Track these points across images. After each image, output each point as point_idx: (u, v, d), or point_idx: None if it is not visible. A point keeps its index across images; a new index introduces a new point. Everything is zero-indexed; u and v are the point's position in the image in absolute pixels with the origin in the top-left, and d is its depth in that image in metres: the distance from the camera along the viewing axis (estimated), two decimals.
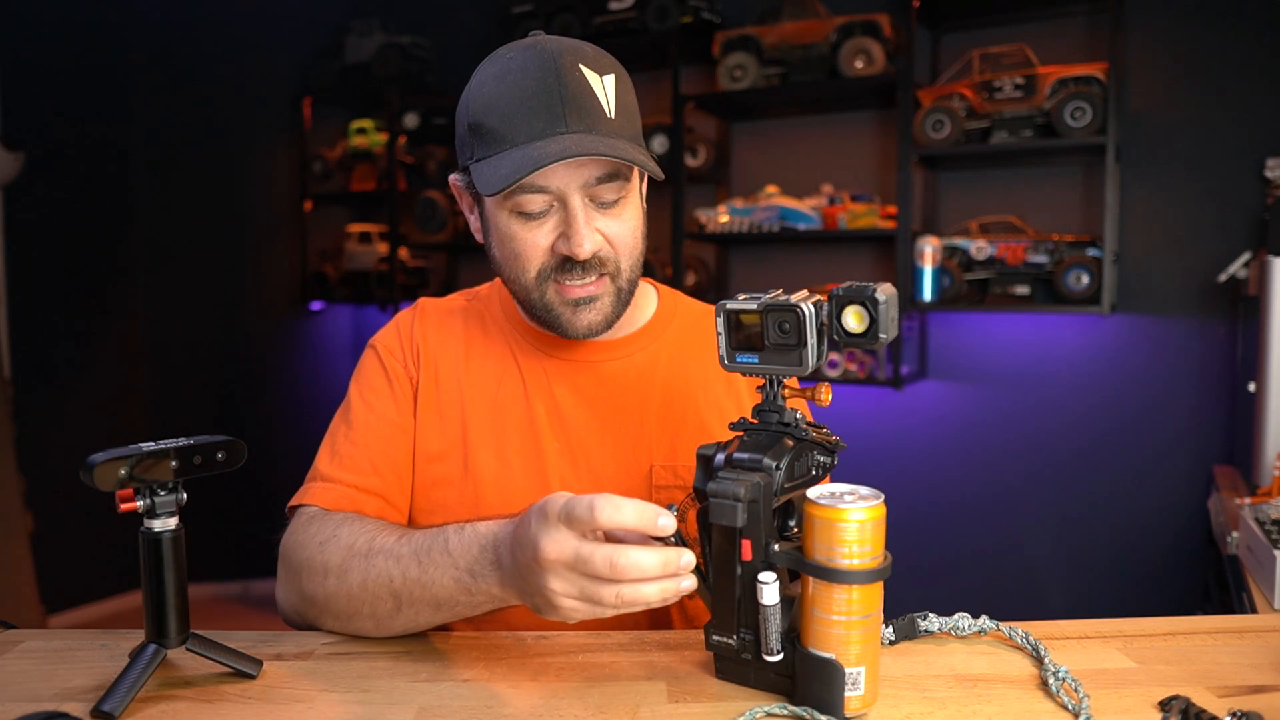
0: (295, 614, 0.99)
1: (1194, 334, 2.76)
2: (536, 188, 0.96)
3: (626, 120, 1.00)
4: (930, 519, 3.10)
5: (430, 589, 0.84)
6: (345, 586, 0.90)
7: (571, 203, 0.97)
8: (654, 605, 0.72)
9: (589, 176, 0.96)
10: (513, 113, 0.94)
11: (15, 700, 0.77)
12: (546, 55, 0.95)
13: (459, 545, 0.83)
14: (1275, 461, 1.85)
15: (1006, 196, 2.99)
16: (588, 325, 1.03)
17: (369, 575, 0.88)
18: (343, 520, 0.96)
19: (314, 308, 4.23)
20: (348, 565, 0.90)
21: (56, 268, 3.62)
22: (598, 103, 0.96)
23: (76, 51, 3.61)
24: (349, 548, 0.91)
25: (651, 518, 0.70)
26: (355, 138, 4.01)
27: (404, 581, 0.86)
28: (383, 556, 0.88)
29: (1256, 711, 0.71)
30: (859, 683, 0.73)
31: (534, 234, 0.99)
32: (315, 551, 0.94)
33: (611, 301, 1.03)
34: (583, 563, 0.70)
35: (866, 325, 0.74)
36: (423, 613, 0.87)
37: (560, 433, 1.09)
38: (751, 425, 0.80)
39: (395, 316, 1.18)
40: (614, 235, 1.01)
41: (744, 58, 3.08)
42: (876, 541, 0.72)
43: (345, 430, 1.09)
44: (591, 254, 0.98)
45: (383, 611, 0.89)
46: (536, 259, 1.00)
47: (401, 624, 0.90)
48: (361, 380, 1.13)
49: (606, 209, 1.00)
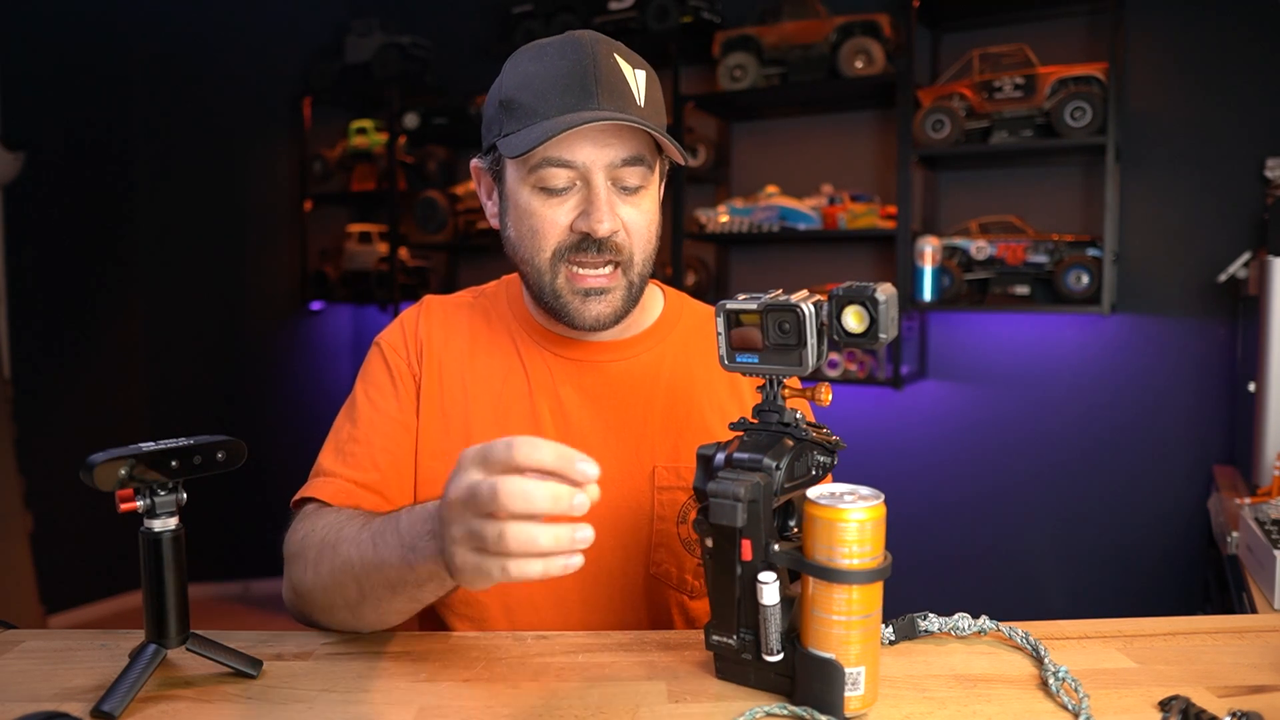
0: (292, 608, 0.99)
1: (1194, 334, 2.76)
2: (562, 161, 0.97)
3: (655, 114, 1.01)
4: (930, 519, 3.10)
5: (382, 570, 0.82)
6: (320, 577, 0.90)
7: (595, 180, 0.98)
8: (546, 552, 0.65)
9: (615, 157, 0.98)
10: (546, 89, 0.97)
11: (15, 700, 0.77)
12: (583, 42, 0.99)
13: (408, 522, 0.81)
14: (1275, 461, 1.85)
15: (1006, 196, 2.99)
16: (596, 316, 1.03)
17: (336, 563, 0.88)
18: (329, 513, 0.97)
19: (314, 308, 4.24)
20: (320, 555, 0.91)
21: (56, 268, 3.62)
22: (629, 89, 0.98)
23: (76, 51, 3.61)
24: (322, 539, 0.92)
25: (570, 459, 0.65)
26: (355, 138, 4.01)
27: (362, 566, 0.84)
28: (347, 544, 0.88)
29: (1256, 711, 0.71)
30: (859, 683, 0.73)
31: (554, 211, 1.00)
32: (299, 545, 0.95)
33: (622, 296, 1.04)
34: (473, 497, 0.66)
35: (867, 325, 0.74)
36: (382, 598, 0.85)
37: (564, 432, 1.09)
38: (751, 425, 0.80)
39: (401, 314, 1.18)
40: (631, 223, 1.02)
41: (744, 58, 3.08)
42: (877, 541, 0.72)
43: (349, 427, 1.09)
44: (610, 234, 0.99)
45: (351, 599, 0.88)
46: (554, 237, 1.01)
47: (370, 613, 0.88)
48: (366, 378, 1.13)
49: (628, 195, 1.01)
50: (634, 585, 1.07)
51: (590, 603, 1.06)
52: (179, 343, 3.99)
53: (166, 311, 3.95)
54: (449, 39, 3.99)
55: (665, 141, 0.98)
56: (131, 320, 3.91)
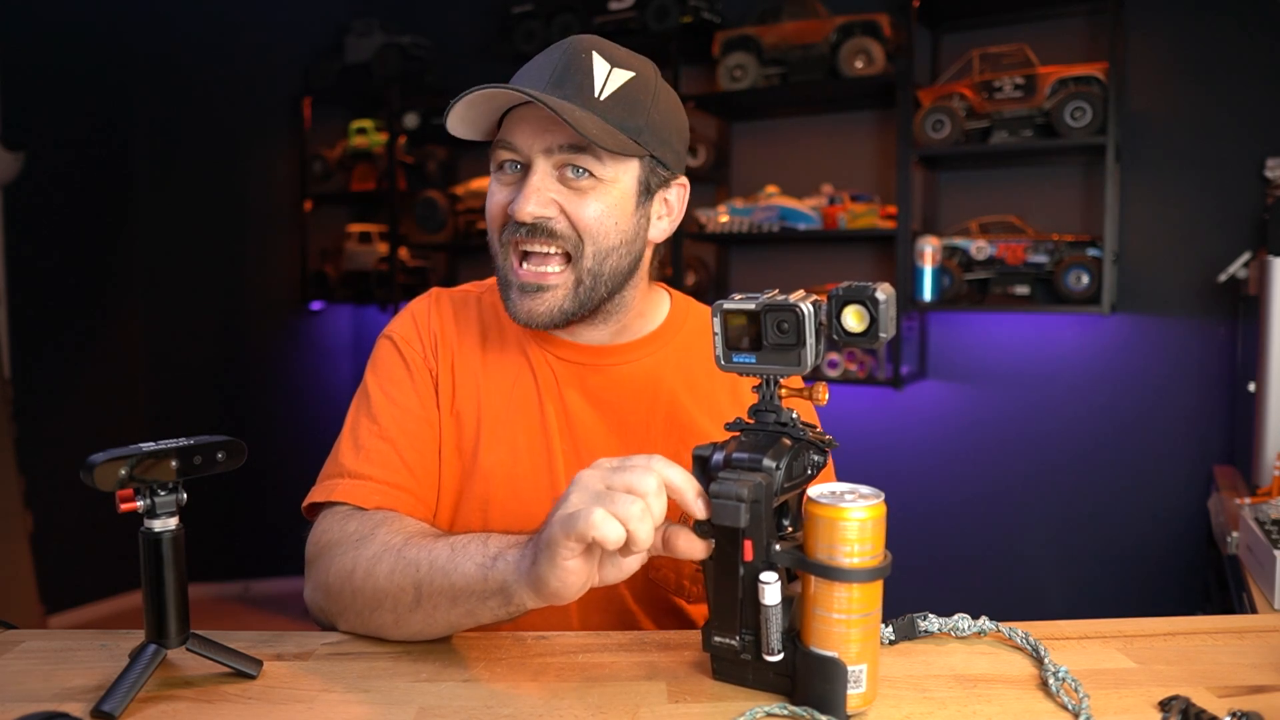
0: (319, 611, 0.97)
1: (1194, 334, 2.75)
2: (506, 143, 1.01)
3: (623, 110, 0.99)
4: (930, 519, 3.10)
5: (451, 576, 0.82)
6: (373, 579, 0.88)
7: (534, 165, 1.00)
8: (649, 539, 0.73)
9: (552, 142, 0.98)
10: (520, 75, 1.01)
11: (15, 700, 0.77)
12: (572, 42, 1.02)
13: (498, 539, 0.83)
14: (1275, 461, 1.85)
15: (1006, 196, 2.99)
16: (527, 312, 1.02)
17: (398, 565, 0.87)
18: (382, 519, 0.95)
19: (314, 308, 4.24)
20: (380, 557, 0.89)
21: (56, 268, 3.62)
22: (588, 80, 0.98)
23: (76, 51, 3.61)
24: (385, 543, 0.90)
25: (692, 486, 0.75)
26: (355, 138, 4.01)
27: (430, 569, 0.84)
28: (416, 547, 0.87)
29: (1256, 711, 0.71)
30: (861, 680, 0.73)
31: (500, 194, 1.03)
32: (351, 547, 0.92)
33: (565, 294, 1.01)
34: (624, 463, 0.75)
35: (867, 325, 0.74)
36: (439, 606, 0.84)
37: (568, 436, 1.08)
38: (748, 425, 0.80)
39: (410, 305, 1.15)
40: (576, 214, 1.00)
41: (744, 58, 3.08)
42: (877, 540, 0.72)
43: (369, 424, 1.06)
44: (532, 218, 0.98)
45: (404, 604, 0.86)
46: (497, 219, 1.04)
47: (419, 620, 0.86)
48: (380, 371, 1.10)
49: (574, 186, 1.00)
50: (633, 590, 1.06)
51: (589, 606, 1.05)
52: (179, 342, 3.99)
53: (166, 311, 3.95)
54: (449, 39, 3.99)
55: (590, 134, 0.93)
56: (131, 320, 3.91)
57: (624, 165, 1.02)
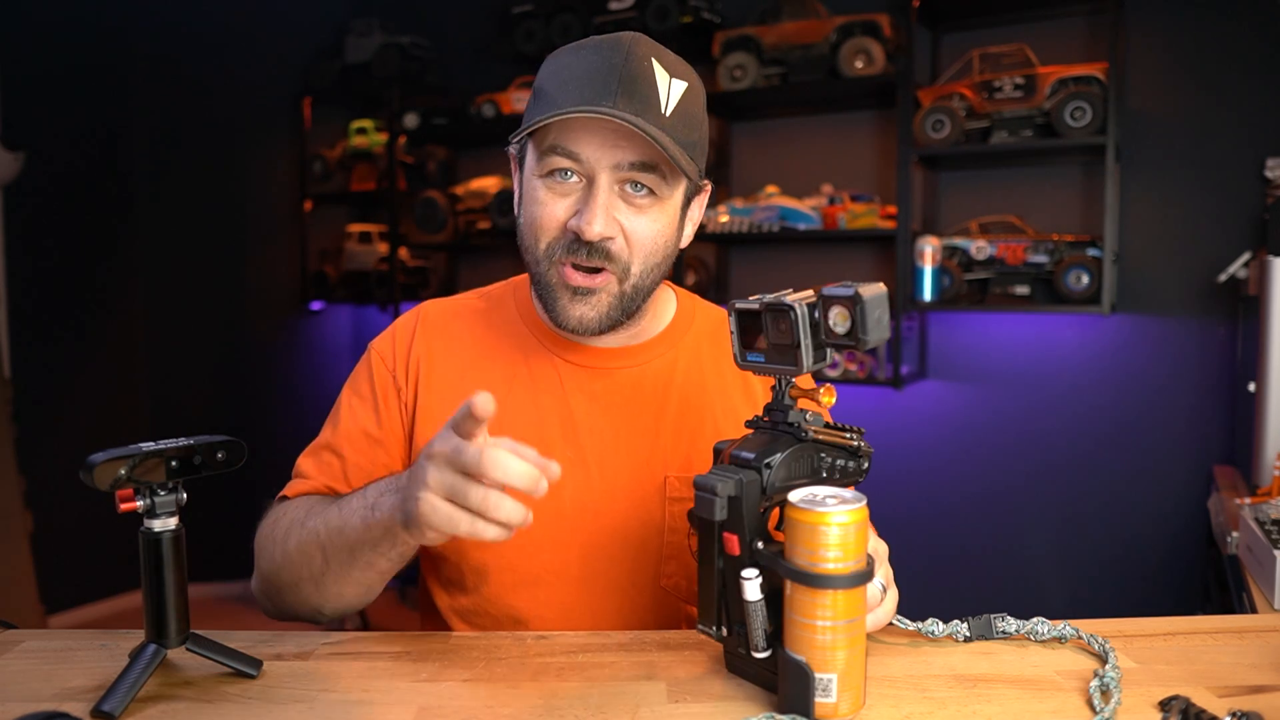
0: (260, 596, 1.03)
1: (1194, 334, 2.75)
2: (568, 151, 0.95)
3: (684, 126, 0.97)
4: (930, 519, 3.10)
5: (344, 532, 0.87)
6: (288, 553, 0.95)
7: (598, 179, 0.96)
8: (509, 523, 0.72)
9: (622, 159, 0.95)
10: (569, 79, 0.95)
11: (15, 700, 0.77)
12: (623, 41, 0.97)
13: (374, 487, 0.87)
14: (1275, 461, 1.85)
15: (1006, 196, 2.99)
16: (579, 318, 1.00)
17: (303, 536, 0.93)
18: (298, 503, 1.01)
19: (314, 308, 4.24)
20: (289, 532, 0.95)
21: (56, 267, 3.62)
22: (655, 94, 0.95)
23: (76, 51, 3.61)
24: (292, 518, 0.96)
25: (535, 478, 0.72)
26: (355, 138, 4.01)
27: (326, 531, 0.90)
28: (315, 516, 0.93)
29: (1256, 711, 0.71)
30: (830, 690, 0.72)
31: (555, 204, 0.98)
32: (267, 531, 1.00)
33: (611, 303, 1.00)
34: (458, 454, 0.72)
35: (849, 326, 0.73)
36: (343, 564, 0.89)
37: (573, 440, 1.06)
38: (762, 424, 0.81)
39: (396, 321, 1.16)
40: (633, 232, 0.98)
41: (744, 58, 3.08)
42: (859, 546, 0.71)
43: (330, 432, 1.11)
44: (600, 238, 0.96)
45: (315, 570, 0.92)
46: (550, 230, 0.99)
47: (333, 582, 0.92)
48: (353, 384, 1.14)
49: (635, 204, 0.98)
50: (643, 598, 1.06)
51: (599, 615, 1.05)
52: (179, 343, 3.98)
53: (166, 311, 3.95)
54: (449, 39, 3.99)
55: (673, 155, 0.93)
56: (132, 320, 3.91)
57: (680, 182, 1.01)
